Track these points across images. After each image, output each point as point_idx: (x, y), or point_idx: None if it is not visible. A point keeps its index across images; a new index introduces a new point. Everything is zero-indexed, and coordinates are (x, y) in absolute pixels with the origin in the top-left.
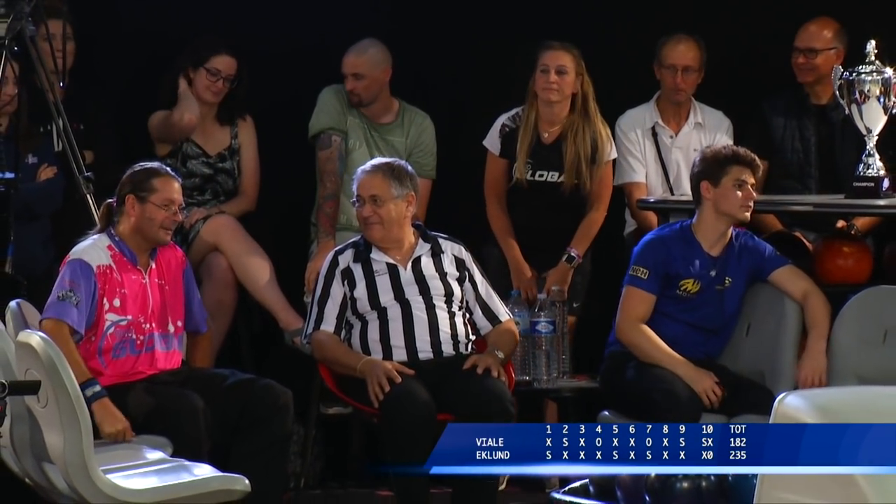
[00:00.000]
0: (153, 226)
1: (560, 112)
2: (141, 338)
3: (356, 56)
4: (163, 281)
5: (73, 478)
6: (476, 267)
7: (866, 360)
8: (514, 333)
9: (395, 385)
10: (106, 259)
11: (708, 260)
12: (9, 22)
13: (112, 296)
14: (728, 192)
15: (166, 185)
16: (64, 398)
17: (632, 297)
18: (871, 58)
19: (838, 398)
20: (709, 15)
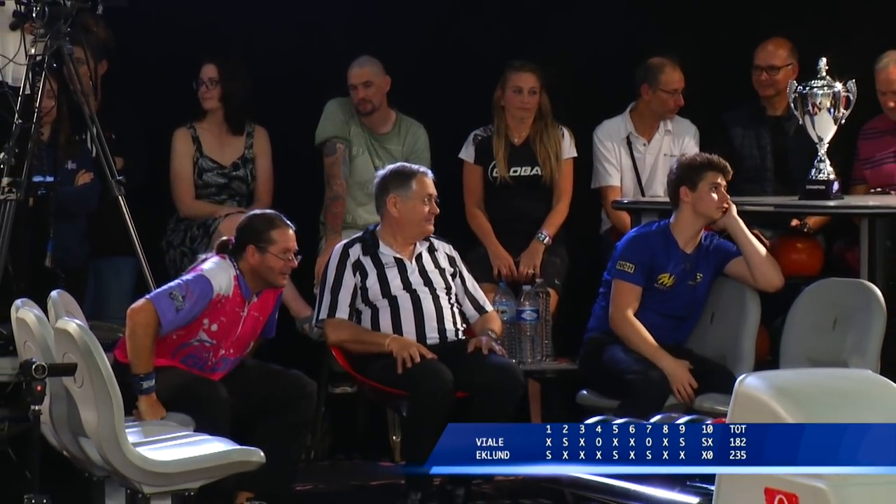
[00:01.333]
0: (273, 273)
1: (528, 120)
2: (214, 360)
3: (363, 67)
4: (258, 314)
5: (106, 450)
6: (462, 263)
7: (817, 344)
8: (499, 321)
9: (426, 362)
10: (228, 290)
11: (683, 257)
12: (47, 41)
13: (213, 320)
14: (705, 195)
15: (283, 235)
16: (98, 379)
17: (621, 290)
18: (823, 73)
19: (792, 379)
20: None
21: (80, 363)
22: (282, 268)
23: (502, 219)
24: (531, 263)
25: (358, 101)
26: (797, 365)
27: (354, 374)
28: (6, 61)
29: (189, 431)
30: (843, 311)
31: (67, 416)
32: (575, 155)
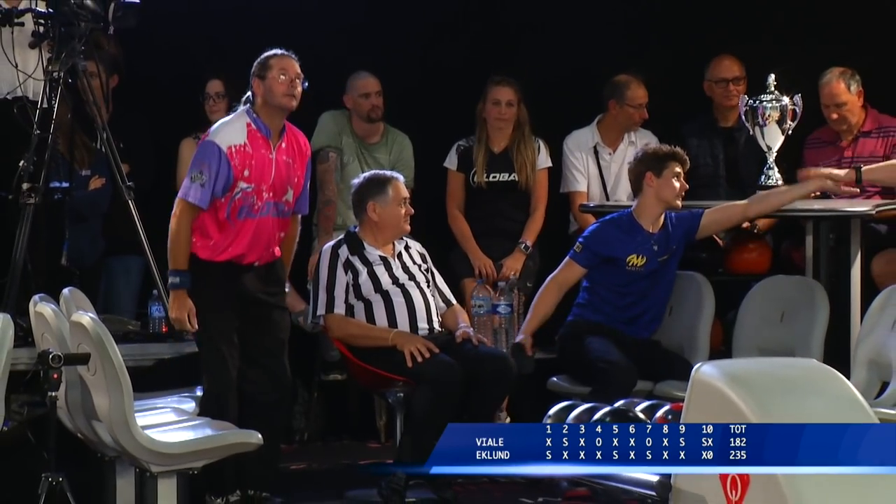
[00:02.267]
0: (278, 97)
1: (507, 130)
2: (259, 203)
3: (373, 78)
4: (289, 159)
5: (117, 433)
6: (430, 261)
7: (766, 335)
8: (463, 312)
9: (436, 356)
10: (241, 138)
11: (649, 237)
12: (62, 58)
13: (243, 167)
14: (668, 182)
15: (280, 61)
16: (109, 368)
17: (566, 266)
18: (772, 88)
19: (744, 367)
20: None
21: (93, 353)
22: (284, 90)
23: (481, 220)
24: (513, 268)
25: (371, 108)
26: (748, 354)
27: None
28: (26, 77)
29: (192, 415)
30: (789, 306)
31: (81, 401)
32: (550, 165)
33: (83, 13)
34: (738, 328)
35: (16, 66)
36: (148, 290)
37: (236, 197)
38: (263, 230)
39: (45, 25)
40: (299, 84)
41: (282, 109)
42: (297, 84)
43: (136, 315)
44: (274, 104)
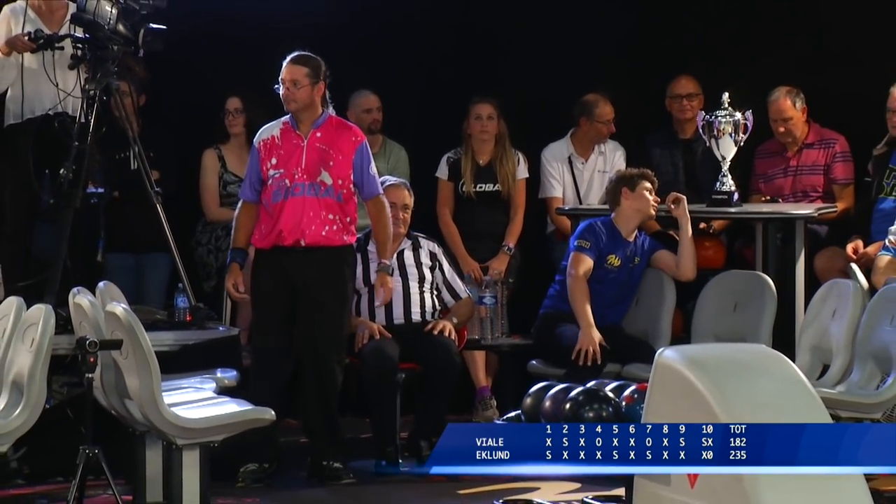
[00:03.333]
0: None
1: (489, 144)
2: (290, 184)
3: (371, 96)
4: (324, 146)
5: (146, 410)
6: (445, 259)
7: (721, 324)
8: (471, 305)
9: (373, 342)
10: (275, 131)
11: (625, 243)
12: (97, 78)
13: (270, 157)
14: (641, 195)
15: (284, 70)
16: (139, 352)
17: (579, 259)
18: (725, 104)
19: (702, 352)
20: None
21: (125, 339)
22: (283, 97)
23: (468, 224)
24: (498, 269)
25: (371, 122)
26: (705, 341)
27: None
28: (66, 95)
29: (213, 394)
30: (741, 297)
31: (115, 382)
32: (527, 176)
33: (116, 38)
34: (697, 317)
35: (57, 85)
36: (174, 284)
37: (269, 183)
38: (303, 210)
39: (83, 49)
40: (295, 88)
41: (301, 116)
42: (292, 88)
43: (164, 306)
44: (292, 110)
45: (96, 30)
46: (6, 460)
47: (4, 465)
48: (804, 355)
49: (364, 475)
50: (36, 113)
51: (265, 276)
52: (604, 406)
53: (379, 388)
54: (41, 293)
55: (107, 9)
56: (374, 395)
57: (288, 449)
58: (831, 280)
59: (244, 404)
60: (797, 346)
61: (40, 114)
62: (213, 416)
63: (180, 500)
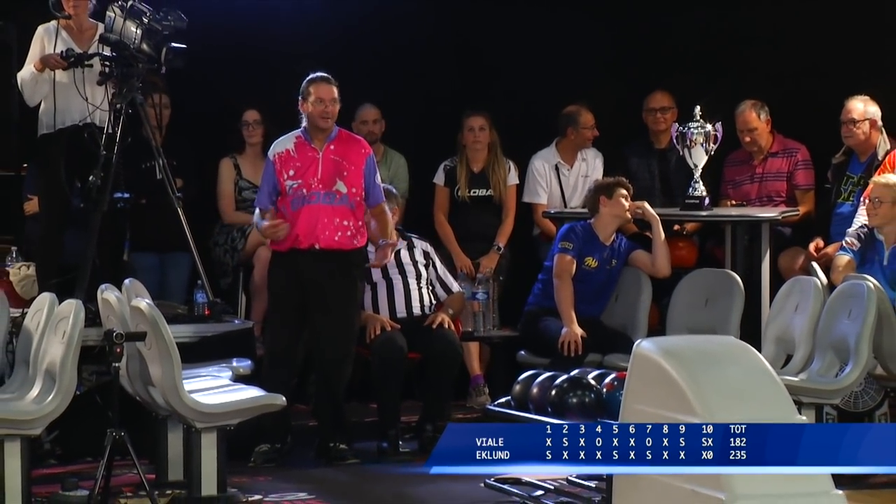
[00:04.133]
0: (314, 118)
1: (482, 153)
2: (307, 193)
3: (371, 109)
4: (338, 157)
5: (168, 397)
6: (437, 257)
7: (694, 317)
8: (462, 299)
9: (384, 333)
10: (288, 145)
11: (603, 247)
12: (123, 93)
13: (287, 169)
14: (617, 201)
15: (317, 88)
16: (162, 344)
17: (562, 259)
18: (697, 117)
19: (676, 343)
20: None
21: (149, 332)
22: (319, 113)
23: (463, 226)
24: (489, 266)
25: (368, 132)
26: (679, 333)
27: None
28: (94, 108)
29: (230, 381)
30: (712, 293)
31: (139, 370)
32: (517, 182)
33: (140, 56)
34: (671, 311)
35: (86, 99)
36: (194, 281)
37: (287, 193)
38: (318, 216)
39: (110, 66)
40: (333, 105)
41: (319, 129)
42: (331, 106)
43: (184, 301)
44: (312, 124)
45: (122, 49)
46: (40, 442)
47: (38, 447)
48: (769, 346)
49: (367, 455)
50: (66, 124)
51: (280, 274)
52: (586, 392)
53: (387, 377)
54: (72, 289)
55: (132, 29)
56: (382, 382)
57: (297, 431)
58: (794, 277)
59: (258, 391)
60: (763, 338)
61: (70, 125)
62: (229, 402)
63: (199, 479)
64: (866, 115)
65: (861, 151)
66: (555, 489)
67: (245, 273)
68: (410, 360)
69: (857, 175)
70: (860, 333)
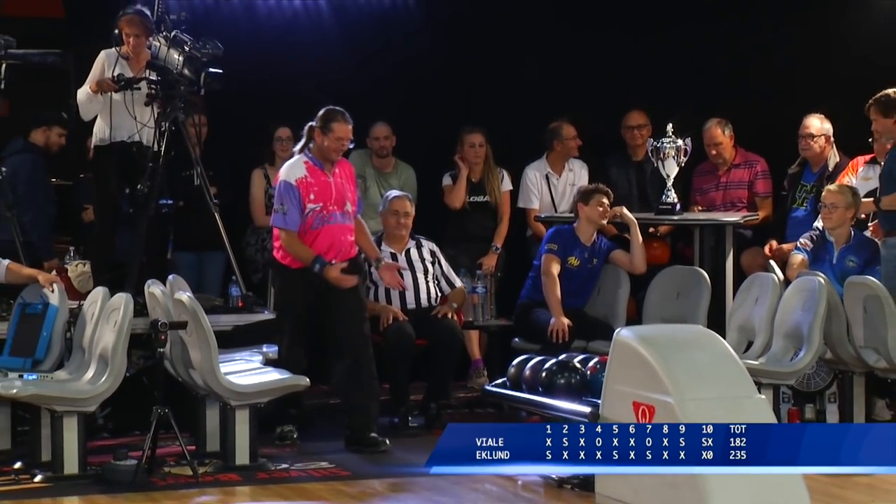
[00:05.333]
0: (329, 151)
1: (479, 165)
2: (326, 214)
3: (383, 126)
4: (341, 179)
5: (206, 378)
6: (441, 255)
7: (666, 309)
8: (463, 293)
9: (395, 323)
10: (302, 171)
11: (584, 248)
12: (167, 112)
13: (308, 193)
14: (594, 208)
15: (340, 127)
16: (201, 331)
17: (550, 260)
18: (670, 133)
19: (651, 331)
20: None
21: (190, 321)
22: (336, 149)
23: (464, 230)
24: (489, 265)
25: (379, 147)
26: (654, 322)
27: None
28: (142, 126)
29: (260, 364)
30: (682, 288)
31: (181, 355)
32: (511, 188)
33: (182, 80)
34: (646, 303)
35: (135, 117)
36: (228, 277)
37: (308, 215)
38: (335, 234)
39: (156, 89)
40: (348, 144)
41: (329, 161)
42: (347, 145)
43: (220, 294)
44: (324, 154)
45: (166, 74)
46: (95, 418)
47: (93, 422)
48: (733, 334)
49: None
50: (117, 139)
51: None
52: (572, 374)
53: (398, 361)
54: (123, 284)
55: (175, 57)
56: (394, 366)
57: (317, 409)
58: (754, 274)
59: (284, 373)
60: (727, 327)
61: (120, 140)
62: (259, 383)
63: (234, 450)
64: (822, 130)
65: (815, 163)
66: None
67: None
68: (418, 346)
69: (811, 184)
70: (812, 323)
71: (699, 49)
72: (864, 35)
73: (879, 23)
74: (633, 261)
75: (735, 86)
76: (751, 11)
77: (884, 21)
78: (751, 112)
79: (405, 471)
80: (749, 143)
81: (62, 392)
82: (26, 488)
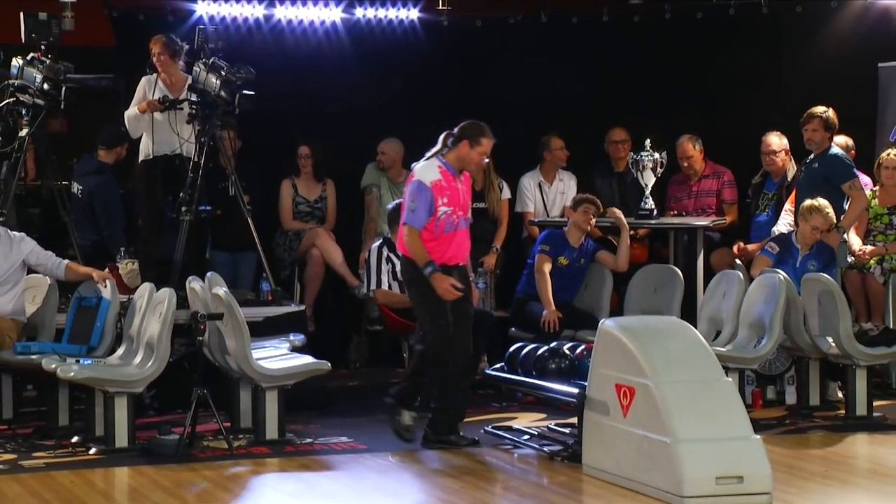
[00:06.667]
0: (472, 163)
1: (480, 176)
2: (456, 219)
3: (391, 143)
4: (465, 189)
5: (240, 363)
6: None
7: (645, 302)
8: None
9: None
10: (437, 175)
11: (573, 249)
12: (206, 129)
13: (442, 196)
14: (581, 215)
15: (488, 142)
16: (235, 322)
17: (542, 259)
18: (648, 147)
19: (632, 321)
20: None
21: (226, 313)
22: (479, 163)
23: None
24: (490, 263)
25: (389, 161)
26: (634, 314)
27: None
28: (183, 141)
29: (287, 351)
30: (659, 284)
31: (218, 343)
32: (509, 196)
33: (219, 101)
34: (627, 297)
35: (177, 134)
36: (260, 274)
37: (441, 218)
38: (463, 238)
39: (196, 109)
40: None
41: (465, 169)
42: (486, 161)
43: (252, 289)
44: (464, 164)
45: (205, 95)
46: (142, 398)
47: (140, 402)
48: (703, 324)
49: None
50: (161, 153)
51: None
52: (563, 360)
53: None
54: (167, 280)
55: (212, 80)
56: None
57: (338, 390)
58: (722, 271)
59: (309, 358)
60: (698, 318)
61: (163, 154)
62: (287, 367)
63: (264, 426)
64: (781, 146)
65: (775, 174)
66: (538, 434)
67: (300, 268)
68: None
69: (772, 192)
70: (773, 314)
71: (674, 75)
72: (809, 64)
73: (825, 53)
74: (618, 258)
75: (704, 107)
76: (718, 44)
77: (828, 53)
78: (718, 129)
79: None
80: (717, 157)
81: (114, 375)
82: (82, 459)
